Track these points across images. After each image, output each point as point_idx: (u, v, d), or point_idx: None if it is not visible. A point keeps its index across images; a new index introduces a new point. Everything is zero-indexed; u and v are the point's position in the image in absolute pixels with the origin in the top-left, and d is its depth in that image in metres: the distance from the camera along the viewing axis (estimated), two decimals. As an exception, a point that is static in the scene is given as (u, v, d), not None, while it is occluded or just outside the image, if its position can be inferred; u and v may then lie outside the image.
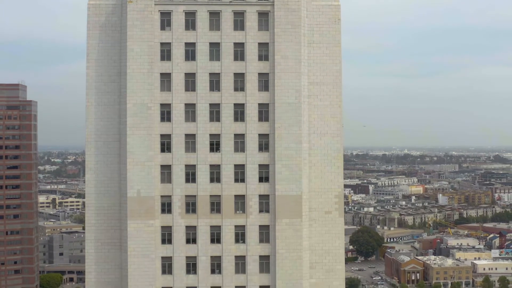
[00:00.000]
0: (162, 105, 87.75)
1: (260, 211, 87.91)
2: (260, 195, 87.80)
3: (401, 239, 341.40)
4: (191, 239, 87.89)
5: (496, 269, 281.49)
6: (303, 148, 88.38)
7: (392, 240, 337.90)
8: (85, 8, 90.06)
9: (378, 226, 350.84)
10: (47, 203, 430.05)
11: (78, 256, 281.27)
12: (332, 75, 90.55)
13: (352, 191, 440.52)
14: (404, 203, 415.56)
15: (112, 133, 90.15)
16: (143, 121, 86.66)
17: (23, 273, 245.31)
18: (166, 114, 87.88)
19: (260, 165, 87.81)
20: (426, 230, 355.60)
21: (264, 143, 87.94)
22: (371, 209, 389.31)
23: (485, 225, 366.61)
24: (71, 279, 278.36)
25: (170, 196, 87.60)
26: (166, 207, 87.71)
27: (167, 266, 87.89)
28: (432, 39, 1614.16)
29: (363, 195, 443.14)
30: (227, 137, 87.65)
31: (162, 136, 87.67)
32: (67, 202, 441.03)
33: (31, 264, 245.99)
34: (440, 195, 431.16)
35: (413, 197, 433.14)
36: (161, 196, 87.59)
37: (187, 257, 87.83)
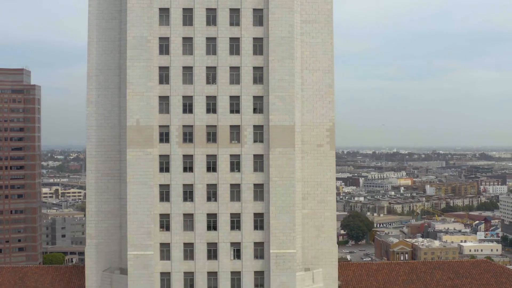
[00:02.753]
0: (160, 38, 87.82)
1: (255, 141, 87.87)
2: (254, 126, 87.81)
3: (390, 224, 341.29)
4: (188, 167, 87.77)
5: (481, 250, 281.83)
6: (296, 82, 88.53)
7: (381, 225, 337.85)
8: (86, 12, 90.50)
9: (368, 213, 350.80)
10: (50, 193, 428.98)
11: (80, 238, 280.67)
12: (324, 14, 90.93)
13: (344, 184, 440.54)
14: (393, 193, 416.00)
15: (112, 67, 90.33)
16: (142, 53, 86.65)
17: (26, 251, 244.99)
18: (164, 47, 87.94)
19: (254, 97, 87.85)
20: (414, 217, 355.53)
21: (259, 76, 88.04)
22: (362, 199, 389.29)
23: (471, 213, 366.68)
24: (73, 260, 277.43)
25: (168, 126, 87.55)
26: (164, 137, 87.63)
27: (164, 193, 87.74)
28: (422, 43, 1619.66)
29: (354, 187, 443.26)
30: (223, 69, 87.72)
31: (160, 68, 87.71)
32: (69, 192, 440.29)
33: (34, 242, 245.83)
34: (428, 186, 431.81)
35: (402, 188, 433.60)
36: (160, 126, 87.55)
37: (184, 185, 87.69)
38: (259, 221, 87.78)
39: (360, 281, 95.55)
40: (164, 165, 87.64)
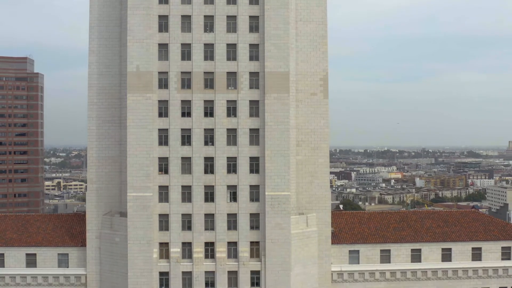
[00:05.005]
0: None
1: (251, 87, 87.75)
2: (250, 72, 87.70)
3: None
4: (186, 112, 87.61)
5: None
6: (291, 32, 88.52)
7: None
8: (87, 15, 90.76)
9: (360, 203, 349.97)
10: (52, 186, 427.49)
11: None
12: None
13: (336, 177, 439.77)
14: (384, 185, 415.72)
15: (114, 18, 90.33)
16: (142, 2, 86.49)
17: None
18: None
19: (250, 45, 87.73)
20: (404, 207, 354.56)
21: (255, 25, 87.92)
22: (354, 190, 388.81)
23: (460, 203, 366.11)
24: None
25: (166, 72, 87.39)
26: (163, 83, 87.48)
27: (163, 137, 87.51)
28: (411, 47, 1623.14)
29: (346, 181, 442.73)
30: (220, 18, 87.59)
31: (160, 17, 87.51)
32: (71, 185, 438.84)
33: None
34: (418, 178, 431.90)
35: (393, 181, 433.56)
36: (159, 72, 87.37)
37: (182, 129, 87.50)
38: (255, 165, 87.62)
39: (353, 228, 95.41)
40: (163, 110, 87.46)
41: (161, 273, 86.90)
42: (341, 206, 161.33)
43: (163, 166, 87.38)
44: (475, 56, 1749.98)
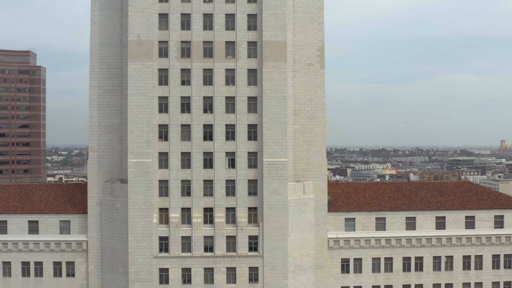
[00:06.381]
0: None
1: (249, 56, 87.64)
2: (248, 42, 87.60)
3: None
4: (185, 80, 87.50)
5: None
6: (288, 2, 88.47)
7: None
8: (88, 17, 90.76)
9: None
10: (54, 181, 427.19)
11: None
12: None
13: (332, 173, 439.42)
14: (379, 180, 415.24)
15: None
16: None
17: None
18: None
19: (248, 15, 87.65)
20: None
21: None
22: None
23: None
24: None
25: (167, 41, 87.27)
26: (163, 52, 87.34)
27: (163, 105, 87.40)
28: (404, 48, 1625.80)
29: (342, 177, 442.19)
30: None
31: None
32: (72, 180, 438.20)
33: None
34: (412, 174, 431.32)
35: (387, 176, 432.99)
36: (159, 41, 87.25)
37: (182, 97, 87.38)
38: (253, 132, 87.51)
39: (349, 197, 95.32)
40: (163, 79, 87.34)
41: (160, 238, 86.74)
42: (337, 177, 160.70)
43: (163, 133, 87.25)
44: (467, 58, 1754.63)
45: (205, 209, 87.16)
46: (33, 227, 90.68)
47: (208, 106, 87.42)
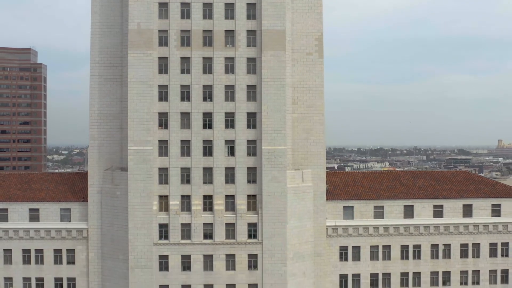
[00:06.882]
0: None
1: (248, 45, 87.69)
2: (248, 31, 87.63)
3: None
4: (185, 69, 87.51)
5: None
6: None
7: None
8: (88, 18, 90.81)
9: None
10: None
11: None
12: None
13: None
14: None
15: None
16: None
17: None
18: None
19: (248, 4, 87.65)
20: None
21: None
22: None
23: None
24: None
25: (166, 30, 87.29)
26: (163, 40, 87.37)
27: (163, 93, 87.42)
28: (403, 49, 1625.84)
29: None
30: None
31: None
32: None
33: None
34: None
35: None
36: (159, 30, 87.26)
37: (182, 86, 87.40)
38: (252, 120, 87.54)
39: (347, 186, 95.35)
40: (163, 67, 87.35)
41: (160, 225, 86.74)
42: (335, 166, 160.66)
43: (163, 121, 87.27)
44: (467, 58, 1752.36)
45: (205, 197, 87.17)
46: (34, 215, 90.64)
47: (207, 94, 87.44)
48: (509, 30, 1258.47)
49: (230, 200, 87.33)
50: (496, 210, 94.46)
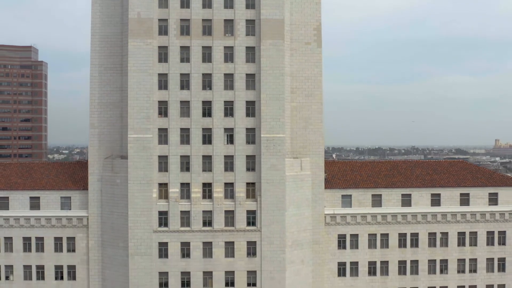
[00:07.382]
0: None
1: (247, 34, 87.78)
2: (247, 20, 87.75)
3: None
4: (184, 58, 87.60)
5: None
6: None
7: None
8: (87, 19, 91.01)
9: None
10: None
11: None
12: None
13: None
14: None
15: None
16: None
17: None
18: None
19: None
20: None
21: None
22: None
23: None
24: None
25: (166, 19, 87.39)
26: (163, 29, 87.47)
27: (163, 82, 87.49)
28: (402, 50, 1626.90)
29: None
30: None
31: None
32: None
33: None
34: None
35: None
36: (159, 19, 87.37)
37: (181, 74, 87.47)
38: (251, 109, 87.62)
39: (345, 175, 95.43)
40: (163, 56, 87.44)
41: (160, 212, 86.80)
42: (334, 156, 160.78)
43: (163, 109, 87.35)
44: (466, 59, 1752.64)
45: (204, 184, 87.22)
46: (35, 203, 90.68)
47: (207, 83, 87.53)
48: (508, 30, 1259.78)
49: (229, 188, 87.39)
50: (493, 199, 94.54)
